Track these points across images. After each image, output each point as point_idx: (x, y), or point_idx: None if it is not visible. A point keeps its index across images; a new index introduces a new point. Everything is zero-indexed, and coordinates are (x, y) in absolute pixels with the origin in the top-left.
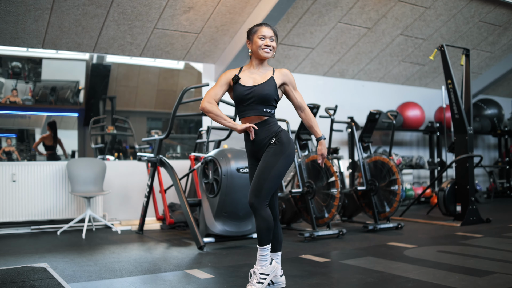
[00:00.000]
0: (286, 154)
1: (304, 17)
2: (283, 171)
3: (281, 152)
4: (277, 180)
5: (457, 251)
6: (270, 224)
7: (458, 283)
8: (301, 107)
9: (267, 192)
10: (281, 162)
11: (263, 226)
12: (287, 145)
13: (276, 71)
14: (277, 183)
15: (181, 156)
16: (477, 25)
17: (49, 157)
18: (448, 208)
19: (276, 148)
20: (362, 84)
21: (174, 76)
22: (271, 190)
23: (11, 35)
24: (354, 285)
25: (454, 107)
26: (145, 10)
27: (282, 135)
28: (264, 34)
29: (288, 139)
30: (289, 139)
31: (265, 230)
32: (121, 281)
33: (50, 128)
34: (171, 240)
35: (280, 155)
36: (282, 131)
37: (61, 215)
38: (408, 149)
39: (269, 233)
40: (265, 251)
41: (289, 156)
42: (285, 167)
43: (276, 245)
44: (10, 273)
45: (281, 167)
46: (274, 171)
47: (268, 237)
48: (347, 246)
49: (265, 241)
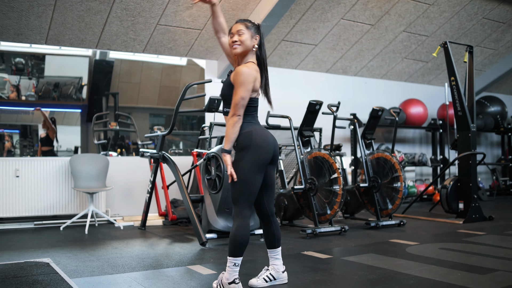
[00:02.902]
0: (241, 159)
1: (307, 13)
2: (244, 177)
3: (237, 160)
4: (237, 188)
5: (459, 248)
6: (235, 236)
7: (460, 280)
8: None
9: (234, 201)
10: (239, 169)
11: (230, 235)
12: (242, 150)
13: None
14: (239, 191)
15: (184, 152)
16: (481, 22)
17: (46, 154)
18: (450, 206)
19: (235, 155)
20: (365, 81)
21: (176, 72)
22: (235, 199)
23: (14, 31)
24: (356, 281)
25: (457, 104)
26: (148, 6)
27: (239, 140)
28: (232, 31)
29: (244, 141)
30: (248, 141)
31: (231, 240)
32: (123, 277)
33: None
34: (174, 236)
35: (236, 162)
36: (241, 134)
37: (64, 211)
38: (410, 146)
39: (233, 245)
40: (229, 263)
41: (242, 160)
42: (245, 172)
43: (273, 241)
44: (14, 268)
45: (240, 174)
46: (237, 181)
47: (232, 249)
48: (349, 242)
49: (229, 251)
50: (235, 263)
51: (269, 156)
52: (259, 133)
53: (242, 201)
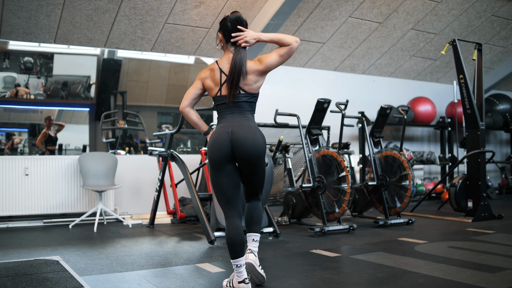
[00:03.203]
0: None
1: (315, 11)
2: (211, 179)
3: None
4: (214, 191)
5: (468, 247)
6: (227, 238)
7: (470, 279)
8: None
9: (220, 206)
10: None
11: (226, 240)
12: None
13: None
14: (215, 194)
15: (192, 151)
16: (490, 19)
17: (51, 152)
18: (459, 204)
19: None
20: (373, 79)
21: (184, 71)
22: (219, 203)
23: (24, 30)
24: (365, 280)
25: (466, 102)
26: (156, 5)
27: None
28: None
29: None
30: (207, 147)
31: (226, 243)
32: (132, 274)
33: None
34: (182, 234)
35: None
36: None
37: (73, 209)
38: (419, 144)
39: (228, 248)
40: (232, 264)
41: (208, 164)
42: (210, 175)
43: (251, 224)
44: (24, 266)
45: (210, 178)
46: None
47: (229, 251)
48: (358, 241)
49: (230, 255)
50: (237, 265)
51: (218, 154)
52: (213, 135)
53: (221, 203)
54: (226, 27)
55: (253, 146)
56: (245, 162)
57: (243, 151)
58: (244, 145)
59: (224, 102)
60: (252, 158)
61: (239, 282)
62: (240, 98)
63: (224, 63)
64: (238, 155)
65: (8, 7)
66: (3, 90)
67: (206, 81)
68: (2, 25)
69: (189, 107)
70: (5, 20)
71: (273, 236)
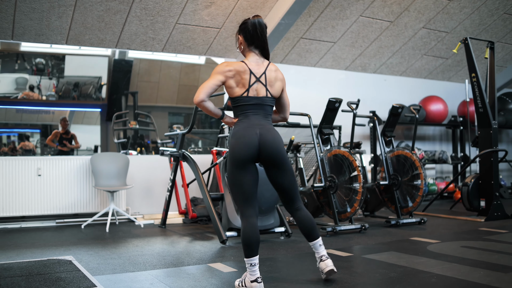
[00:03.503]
0: (227, 161)
1: (326, 11)
2: (230, 177)
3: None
4: (230, 191)
5: (481, 246)
6: (243, 237)
7: (483, 279)
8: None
9: (235, 204)
10: (227, 171)
11: (241, 238)
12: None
13: None
14: (232, 193)
15: (203, 151)
16: (502, 17)
17: (62, 153)
18: (472, 203)
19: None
20: (384, 78)
21: (195, 71)
22: (234, 202)
23: (35, 31)
24: (377, 279)
25: (478, 101)
26: (167, 6)
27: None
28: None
29: (229, 142)
30: (229, 141)
31: (242, 242)
32: (145, 274)
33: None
34: (194, 234)
35: (226, 165)
36: (229, 135)
37: (85, 209)
38: (431, 143)
39: (244, 247)
40: (246, 263)
41: (228, 162)
42: (227, 177)
43: (304, 234)
44: (37, 265)
45: (228, 175)
46: (228, 183)
47: (245, 250)
48: (370, 240)
49: (244, 252)
50: (251, 263)
51: (246, 153)
52: (237, 133)
53: (239, 202)
54: (247, 30)
55: (279, 148)
56: (274, 163)
57: (272, 153)
58: (272, 147)
59: (250, 103)
60: (279, 159)
61: (252, 281)
62: (266, 101)
63: (253, 65)
64: (267, 156)
65: (20, 9)
66: (15, 91)
67: (230, 80)
68: (15, 26)
69: (206, 100)
70: (17, 21)
71: (285, 235)
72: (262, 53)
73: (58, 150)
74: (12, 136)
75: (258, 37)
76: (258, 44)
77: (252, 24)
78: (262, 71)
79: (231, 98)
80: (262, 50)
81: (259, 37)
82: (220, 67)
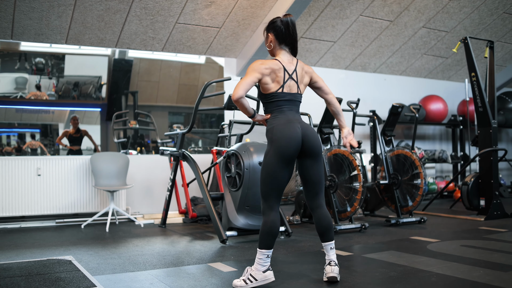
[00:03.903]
0: (266, 153)
1: (326, 10)
2: (263, 172)
3: (265, 154)
4: (263, 182)
5: (481, 245)
6: (268, 228)
7: (483, 278)
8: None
9: (262, 195)
10: (264, 163)
11: (262, 229)
12: (268, 145)
13: None
14: (265, 184)
15: (203, 150)
16: (502, 16)
17: (72, 153)
18: (471, 202)
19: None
20: (384, 77)
21: (195, 71)
22: (263, 193)
23: (35, 31)
24: (377, 278)
25: (478, 100)
26: (167, 5)
27: (266, 135)
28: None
29: (268, 136)
30: (269, 136)
31: (263, 233)
32: (145, 274)
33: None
34: (194, 233)
35: (264, 157)
36: (267, 129)
37: (85, 209)
38: (431, 142)
39: (266, 238)
40: (261, 255)
41: (267, 155)
42: (264, 168)
43: (320, 233)
44: (37, 265)
45: (265, 167)
46: (263, 174)
47: (265, 242)
48: (370, 240)
49: (261, 244)
50: (268, 255)
51: (289, 149)
52: (279, 128)
53: (269, 195)
54: (279, 29)
55: (318, 141)
56: (314, 156)
57: (313, 146)
58: (313, 140)
59: (285, 98)
60: (317, 152)
61: (265, 271)
62: (298, 97)
63: (286, 63)
64: (307, 149)
65: (19, 8)
66: (15, 91)
67: (266, 77)
68: (14, 26)
69: (244, 96)
70: (16, 21)
71: (285, 235)
72: (292, 50)
73: (68, 150)
74: (12, 136)
75: (290, 36)
76: (289, 42)
77: (285, 22)
78: (293, 69)
79: (264, 94)
80: (292, 48)
81: (291, 35)
82: (256, 65)
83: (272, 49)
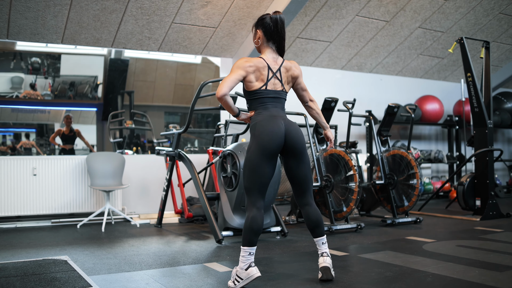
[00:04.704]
0: (249, 149)
1: (322, 10)
2: (246, 168)
3: (247, 149)
4: (246, 177)
5: (476, 245)
6: (248, 224)
7: (478, 278)
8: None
9: (246, 191)
10: (247, 158)
11: (244, 225)
12: (250, 140)
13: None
14: (247, 180)
15: (199, 150)
16: (497, 17)
17: (65, 152)
18: (467, 203)
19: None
20: (380, 77)
21: (191, 71)
22: (246, 189)
23: (31, 30)
24: (373, 279)
25: (474, 100)
26: (163, 5)
27: (249, 130)
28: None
29: (251, 131)
30: (252, 131)
31: (244, 230)
32: (140, 274)
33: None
34: (190, 233)
35: (247, 152)
36: (250, 125)
37: (81, 209)
38: (426, 143)
39: (247, 234)
40: (243, 252)
41: (249, 150)
42: (247, 163)
43: (310, 229)
44: (32, 265)
45: (247, 163)
46: (246, 170)
47: (247, 238)
48: (366, 240)
49: (244, 241)
50: (250, 252)
51: (271, 144)
52: (262, 123)
53: (252, 192)
54: (268, 26)
55: (301, 139)
56: (297, 153)
57: (295, 144)
58: (296, 137)
59: (269, 95)
60: (300, 150)
61: (247, 268)
62: (282, 95)
63: (270, 61)
64: (290, 146)
65: (15, 8)
66: (11, 91)
67: (251, 75)
68: (10, 25)
69: (228, 94)
70: (12, 20)
71: (281, 235)
72: (278, 49)
73: (61, 149)
74: (8, 135)
75: (277, 34)
76: (276, 40)
77: (274, 19)
78: (277, 67)
79: (248, 91)
80: (279, 46)
81: (278, 34)
82: (240, 63)
83: (260, 46)
